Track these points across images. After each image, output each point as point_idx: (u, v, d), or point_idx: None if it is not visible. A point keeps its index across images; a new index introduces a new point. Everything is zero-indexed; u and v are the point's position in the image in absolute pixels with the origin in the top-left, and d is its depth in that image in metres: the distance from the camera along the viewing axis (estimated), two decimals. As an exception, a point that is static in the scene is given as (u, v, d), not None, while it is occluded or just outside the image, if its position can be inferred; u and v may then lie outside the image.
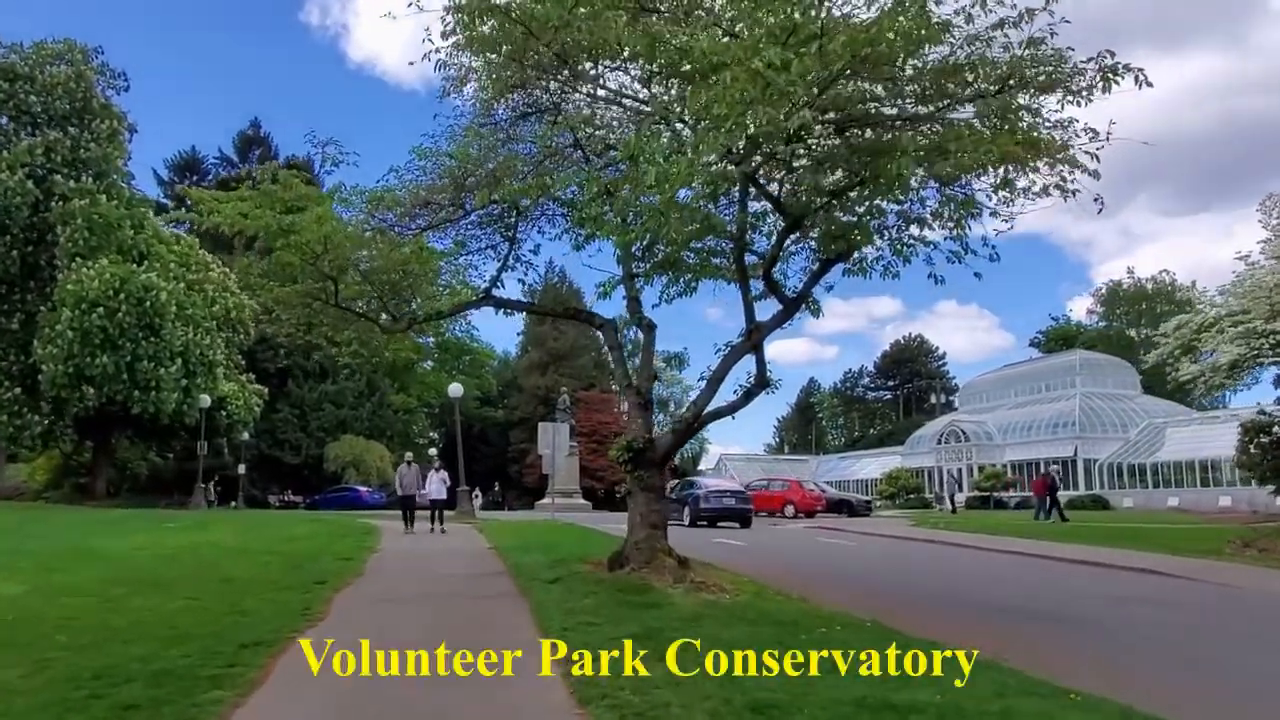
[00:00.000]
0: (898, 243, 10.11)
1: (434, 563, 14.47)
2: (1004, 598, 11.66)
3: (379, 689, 6.08)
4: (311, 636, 8.05)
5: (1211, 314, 17.90)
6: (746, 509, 27.83)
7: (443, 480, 22.38)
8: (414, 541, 18.42)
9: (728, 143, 6.44)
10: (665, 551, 11.24)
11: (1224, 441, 43.09)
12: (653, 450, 11.47)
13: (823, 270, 10.19)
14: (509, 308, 12.95)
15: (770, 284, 10.09)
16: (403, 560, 14.93)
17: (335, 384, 61.09)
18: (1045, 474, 33.61)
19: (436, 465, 23.77)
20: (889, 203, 9.00)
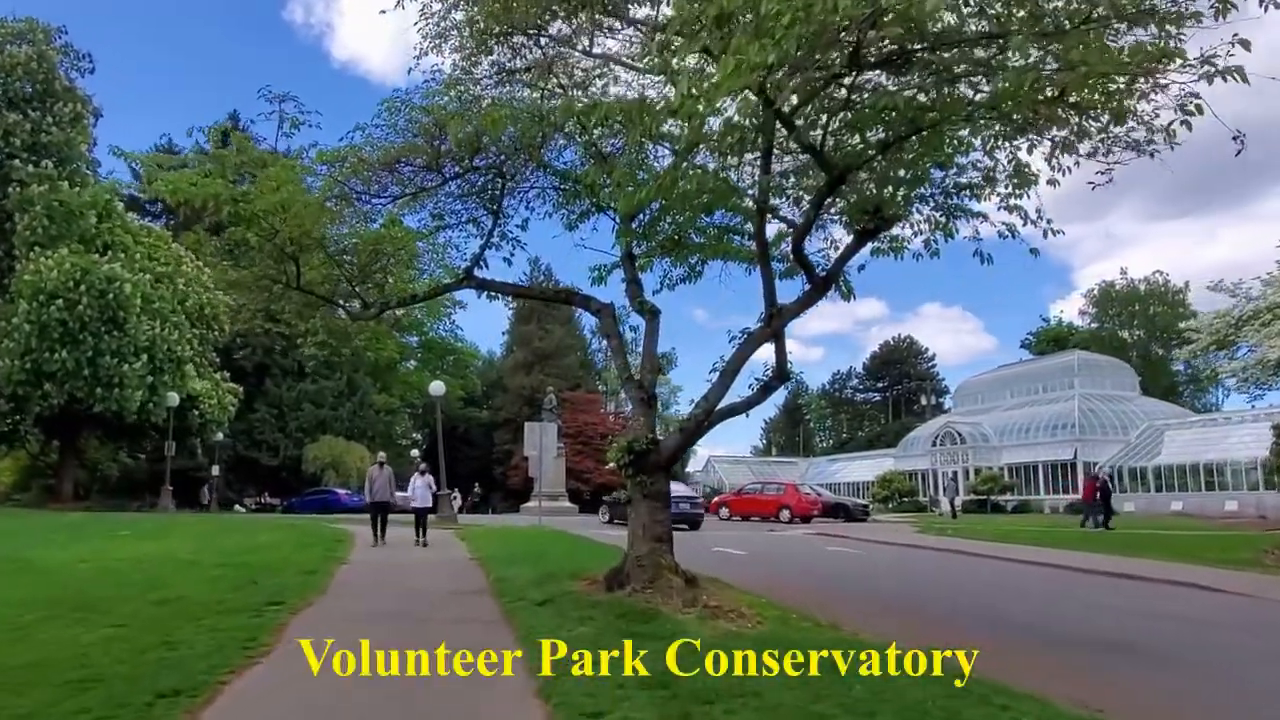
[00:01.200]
0: (946, 210, 8.71)
1: (408, 577, 12.95)
2: (1059, 622, 10.29)
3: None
4: (247, 681, 6.58)
5: (1250, 307, 16.58)
6: (698, 513, 30.24)
7: (428, 485, 19.63)
8: (388, 552, 16.69)
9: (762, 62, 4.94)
10: (671, 569, 9.80)
11: (1228, 444, 42.10)
12: (657, 452, 10.03)
13: (859, 244, 8.79)
14: (493, 290, 11.47)
15: (800, 258, 8.67)
16: (374, 574, 13.41)
17: (315, 383, 59.28)
18: (1094, 476, 31.38)
19: (421, 468, 20.56)
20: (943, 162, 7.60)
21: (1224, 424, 45.15)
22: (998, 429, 51.85)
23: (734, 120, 6.37)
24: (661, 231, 11.62)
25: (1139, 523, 34.24)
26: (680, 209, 10.00)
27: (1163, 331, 79.46)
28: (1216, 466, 41.00)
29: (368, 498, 18.77)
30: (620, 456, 9.93)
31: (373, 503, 18.44)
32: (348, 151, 9.51)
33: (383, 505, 18.31)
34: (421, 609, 9.76)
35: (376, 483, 18.43)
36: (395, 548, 17.22)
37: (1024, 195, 8.57)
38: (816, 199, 7.63)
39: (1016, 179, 8.54)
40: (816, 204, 7.72)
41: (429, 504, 19.34)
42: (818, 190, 7.51)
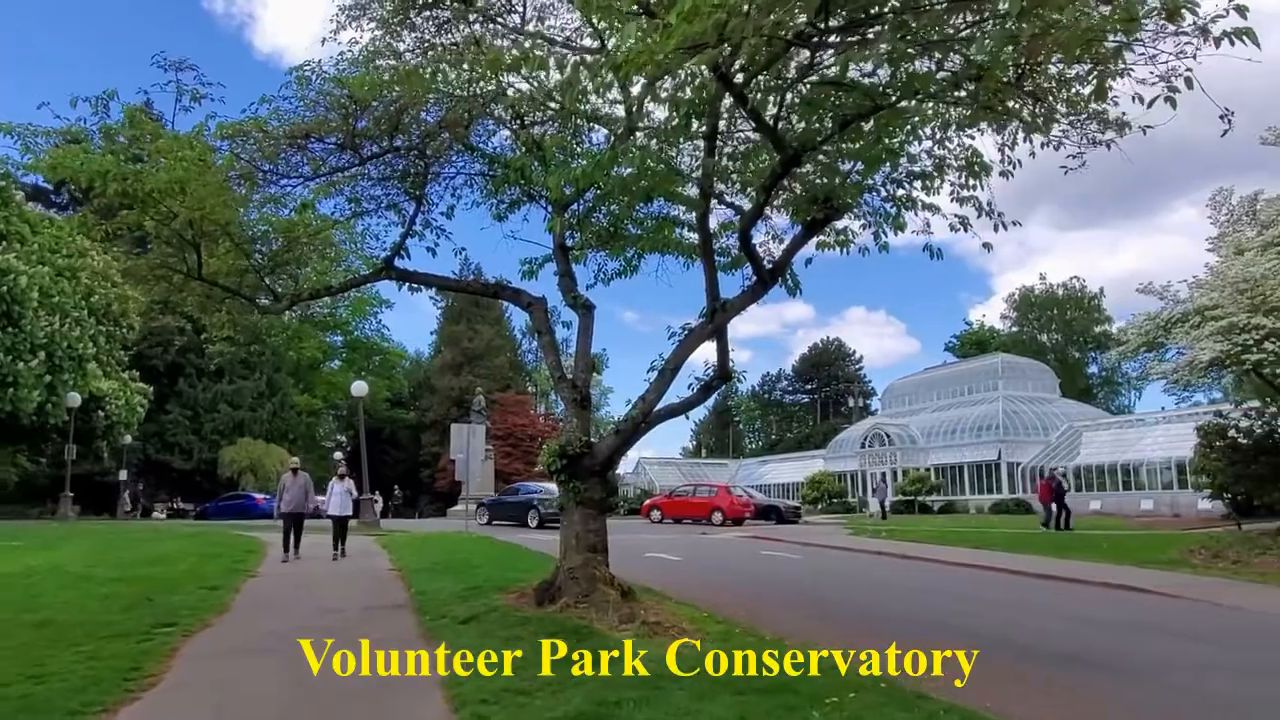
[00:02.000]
0: (897, 201, 8.28)
1: (321, 592, 12.04)
2: (1007, 629, 9.96)
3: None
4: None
5: (1178, 310, 16.72)
6: None
7: (347, 491, 17.61)
8: (301, 565, 15.39)
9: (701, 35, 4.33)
10: (607, 581, 9.17)
11: (1143, 445, 43.36)
12: (591, 456, 9.39)
13: (807, 235, 8.30)
14: (415, 282, 10.65)
15: (747, 248, 8.12)
16: (284, 589, 12.45)
17: (232, 383, 57.06)
18: (1049, 476, 30.92)
19: (341, 472, 18.39)
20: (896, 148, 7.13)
21: (1139, 425, 46.51)
22: (924, 430, 52.57)
23: (680, 94, 5.77)
24: (596, 221, 11.01)
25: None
26: (617, 197, 9.40)
27: (1079, 336, 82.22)
28: (1133, 467, 42.16)
29: (278, 508, 16.80)
30: (552, 461, 9.27)
31: (284, 514, 16.34)
32: (251, 125, 8.62)
33: (296, 516, 16.24)
34: (332, 629, 8.92)
35: (289, 491, 16.41)
36: (310, 560, 15.92)
37: (978, 186, 8.22)
38: (768, 182, 7.10)
39: (969, 170, 8.18)
40: (767, 188, 7.19)
41: (348, 511, 17.45)
42: (770, 173, 6.98)
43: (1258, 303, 14.96)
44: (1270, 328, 14.34)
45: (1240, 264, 15.62)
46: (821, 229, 8.27)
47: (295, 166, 9.44)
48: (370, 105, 8.64)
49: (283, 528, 16.40)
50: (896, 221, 8.58)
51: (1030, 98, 6.16)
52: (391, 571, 14.29)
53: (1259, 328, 14.60)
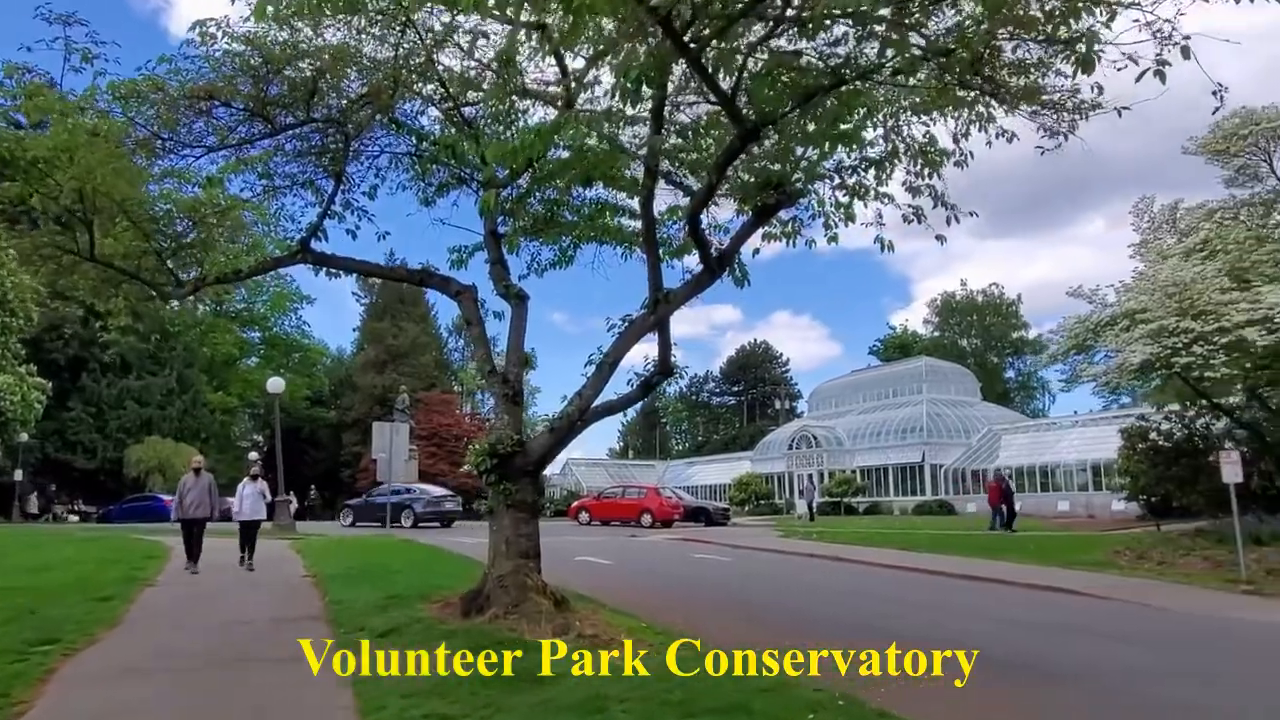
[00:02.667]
0: (850, 190, 7.91)
1: (227, 602, 11.12)
2: (942, 632, 9.68)
3: None
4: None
5: (1107, 314, 16.90)
6: (457, 510, 32.39)
7: (260, 493, 15.72)
8: (206, 574, 13.88)
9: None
10: (539, 589, 8.57)
11: (1060, 448, 44.55)
12: (524, 455, 8.79)
13: (758, 222, 7.86)
14: (334, 267, 9.84)
15: (695, 232, 7.62)
16: (185, 599, 11.48)
17: (140, 379, 54.33)
18: (998, 479, 31.15)
19: (253, 472, 16.62)
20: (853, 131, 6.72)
21: (1056, 429, 47.82)
22: (850, 432, 53.16)
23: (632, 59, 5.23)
24: (531, 207, 10.42)
25: (983, 523, 35.50)
26: (555, 180, 8.83)
27: (997, 341, 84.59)
28: (1051, 469, 43.25)
29: (176, 512, 14.62)
30: (481, 460, 8.63)
31: (184, 519, 14.30)
32: (148, 85, 7.74)
33: (194, 524, 14.25)
34: (236, 646, 8.12)
35: (190, 492, 14.43)
36: (216, 569, 14.33)
37: (933, 175, 7.91)
38: (722, 160, 6.62)
39: (924, 158, 7.86)
40: (721, 166, 6.71)
41: (260, 515, 15.53)
42: (725, 150, 6.50)
43: (1185, 306, 15.15)
44: (1198, 331, 14.53)
45: (1168, 268, 15.83)
46: (772, 216, 7.85)
47: (199, 136, 8.58)
48: (283, 69, 7.87)
49: (182, 534, 14.44)
50: (848, 212, 8.21)
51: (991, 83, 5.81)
52: (305, 578, 13.39)
53: (1188, 331, 14.78)
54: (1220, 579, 14.56)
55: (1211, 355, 14.34)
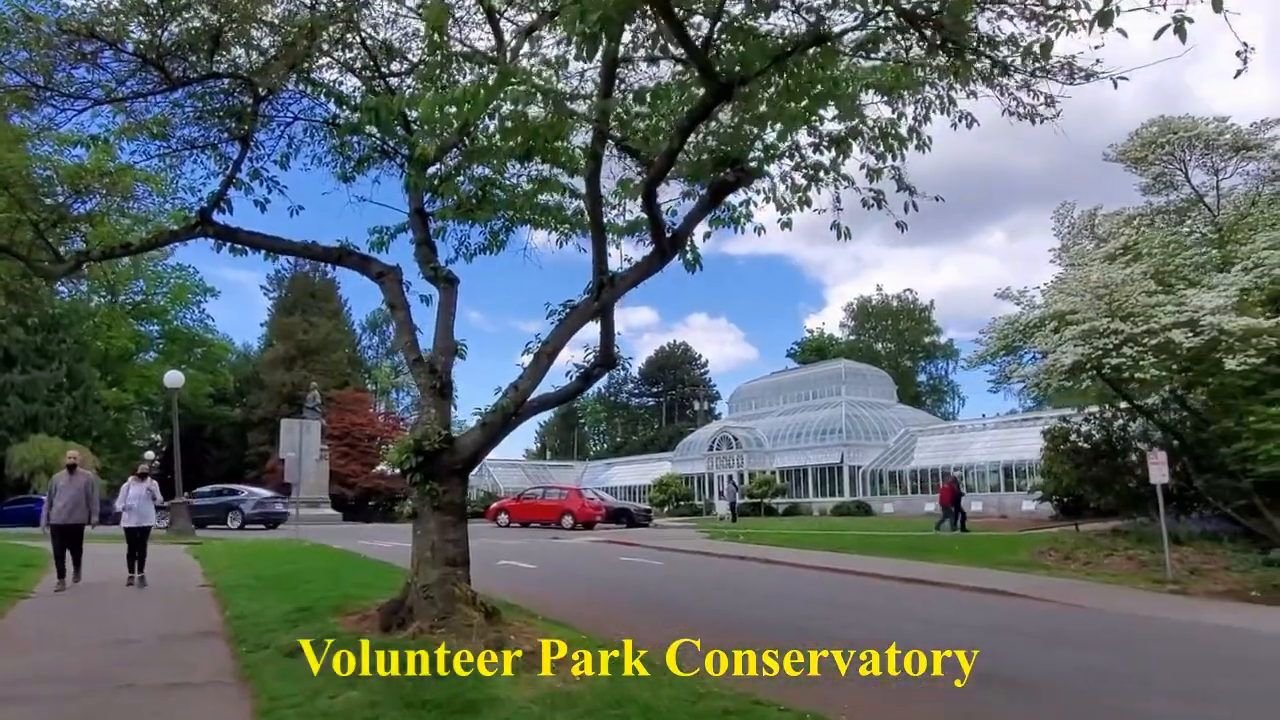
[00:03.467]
0: (809, 170, 7.41)
1: (112, 615, 9.99)
2: (880, 635, 9.28)
3: None
4: None
5: (1035, 315, 16.96)
6: (286, 513, 31.89)
7: (149, 493, 12.98)
8: (88, 587, 12.04)
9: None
10: (468, 600, 7.81)
11: (973, 450, 45.55)
12: (453, 453, 8.00)
13: (714, 201, 7.28)
14: (237, 242, 8.77)
15: (650, 207, 6.94)
16: (65, 612, 10.27)
17: (25, 373, 50.82)
18: (951, 480, 31.11)
19: (140, 469, 13.69)
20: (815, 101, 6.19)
21: (969, 431, 48.95)
22: (771, 434, 53.36)
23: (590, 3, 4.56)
24: (462, 185, 9.63)
25: (902, 523, 35.87)
26: (491, 153, 8.08)
27: (910, 345, 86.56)
28: (964, 469, 44.10)
29: (46, 518, 12.22)
30: (405, 457, 7.80)
31: (55, 525, 11.86)
32: (17, 14, 6.63)
33: (71, 530, 11.90)
34: (120, 667, 7.11)
35: (62, 493, 11.92)
36: (98, 583, 12.43)
37: (895, 156, 7.46)
38: (686, 121, 5.96)
39: (883, 140, 7.41)
40: (685, 129, 6.04)
41: (149, 521, 12.89)
42: (691, 110, 5.87)
43: (1114, 308, 15.24)
44: (1128, 332, 14.60)
45: (1098, 269, 15.93)
46: (728, 194, 7.28)
47: (83, 88, 7.53)
48: (182, 11, 6.90)
49: (52, 544, 11.99)
50: (804, 196, 7.71)
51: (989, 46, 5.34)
52: (203, 588, 12.25)
53: (1117, 332, 14.85)
54: (1147, 579, 14.70)
55: (1141, 356, 14.44)
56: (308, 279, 71.92)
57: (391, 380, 76.47)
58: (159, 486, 13.70)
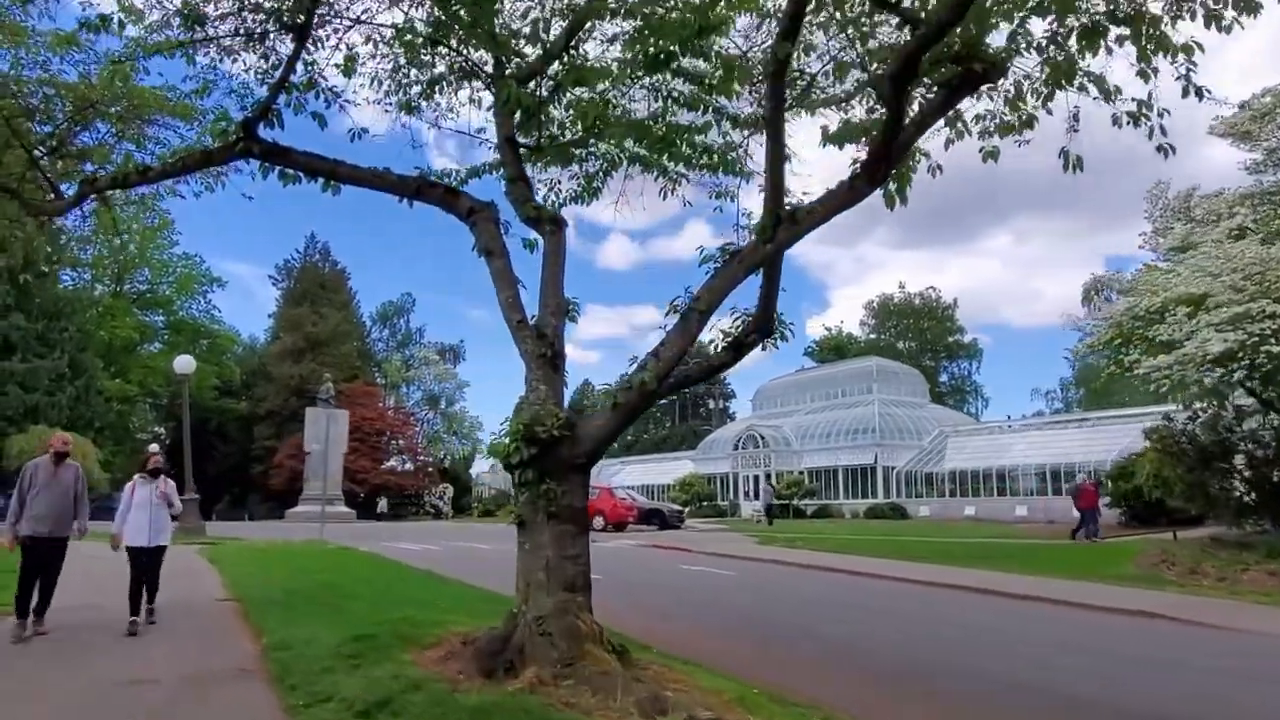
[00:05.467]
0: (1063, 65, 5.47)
1: (116, 643, 8.02)
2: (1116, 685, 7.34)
3: None
4: None
5: (1159, 300, 14.98)
6: None
7: (163, 498, 8.93)
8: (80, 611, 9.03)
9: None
10: (595, 637, 5.86)
11: (1015, 452, 43.50)
12: (573, 442, 6.07)
13: (950, 100, 5.35)
14: (290, 165, 6.66)
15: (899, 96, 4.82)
16: (56, 639, 8.26)
17: (26, 361, 48.99)
18: (1093, 482, 27.37)
19: (151, 465, 9.28)
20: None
21: (1009, 432, 46.96)
22: (798, 433, 51.38)
23: None
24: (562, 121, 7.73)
25: (952, 529, 33.87)
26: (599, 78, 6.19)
27: (932, 344, 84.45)
28: (1007, 473, 42.10)
29: (15, 526, 8.15)
30: (514, 448, 5.85)
31: (29, 537, 8.11)
32: None
33: (51, 548, 8.21)
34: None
35: (42, 493, 8.18)
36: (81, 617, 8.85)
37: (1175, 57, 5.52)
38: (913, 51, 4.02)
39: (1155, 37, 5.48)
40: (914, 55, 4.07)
41: (162, 538, 8.88)
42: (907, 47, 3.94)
43: (1266, 289, 13.26)
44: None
45: (1252, 248, 13.95)
46: (970, 92, 5.35)
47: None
48: None
49: (21, 565, 8.13)
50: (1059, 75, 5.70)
51: None
52: (225, 603, 10.29)
53: (1274, 316, 12.88)
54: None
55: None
56: (317, 269, 70.17)
57: (402, 374, 74.52)
58: (174, 488, 9.25)
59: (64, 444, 8.73)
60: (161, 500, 8.89)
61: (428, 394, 77.01)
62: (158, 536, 8.81)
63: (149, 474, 9.08)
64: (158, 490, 8.90)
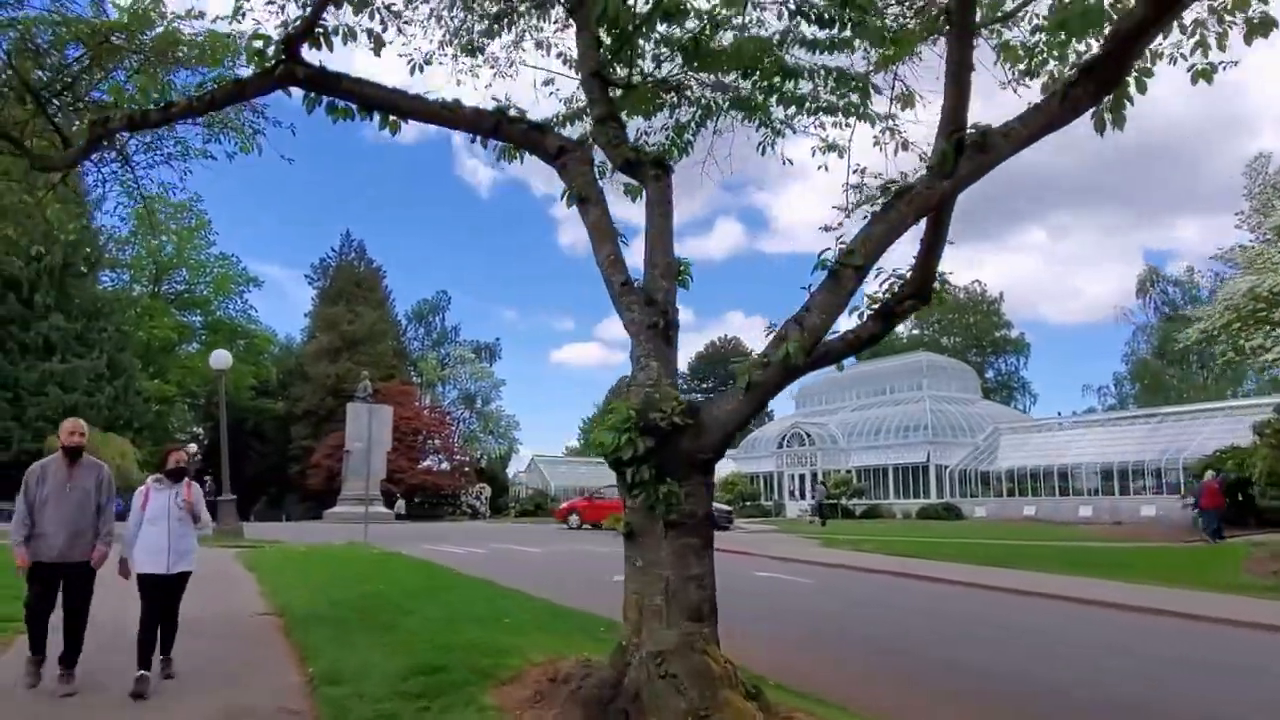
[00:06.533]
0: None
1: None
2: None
3: None
4: None
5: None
6: None
7: (187, 508, 6.51)
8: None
9: None
10: (729, 679, 4.60)
11: (1077, 450, 41.60)
12: (697, 432, 4.80)
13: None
14: (339, 95, 5.30)
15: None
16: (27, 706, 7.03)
17: (65, 362, 48.84)
18: (1220, 476, 24.56)
19: (172, 463, 6.71)
20: None
21: (1068, 429, 45.01)
22: (845, 430, 49.79)
23: None
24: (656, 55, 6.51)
25: (1014, 530, 32.17)
26: None
27: (978, 339, 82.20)
28: (1070, 471, 40.24)
29: (22, 537, 6.07)
30: (626, 439, 4.60)
31: (35, 566, 6.09)
32: None
33: (69, 575, 6.21)
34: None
35: (52, 504, 6.15)
36: None
37: None
38: None
39: None
40: None
41: (185, 562, 6.50)
42: None
43: None
44: None
45: None
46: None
47: None
48: None
49: (29, 594, 6.24)
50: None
51: None
52: (265, 617, 9.16)
53: None
54: None
55: None
56: (352, 267, 69.74)
57: (437, 373, 73.89)
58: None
59: (77, 435, 6.24)
60: (186, 512, 6.46)
61: (463, 393, 76.38)
62: (180, 560, 6.38)
63: (168, 475, 6.59)
64: (180, 498, 6.46)
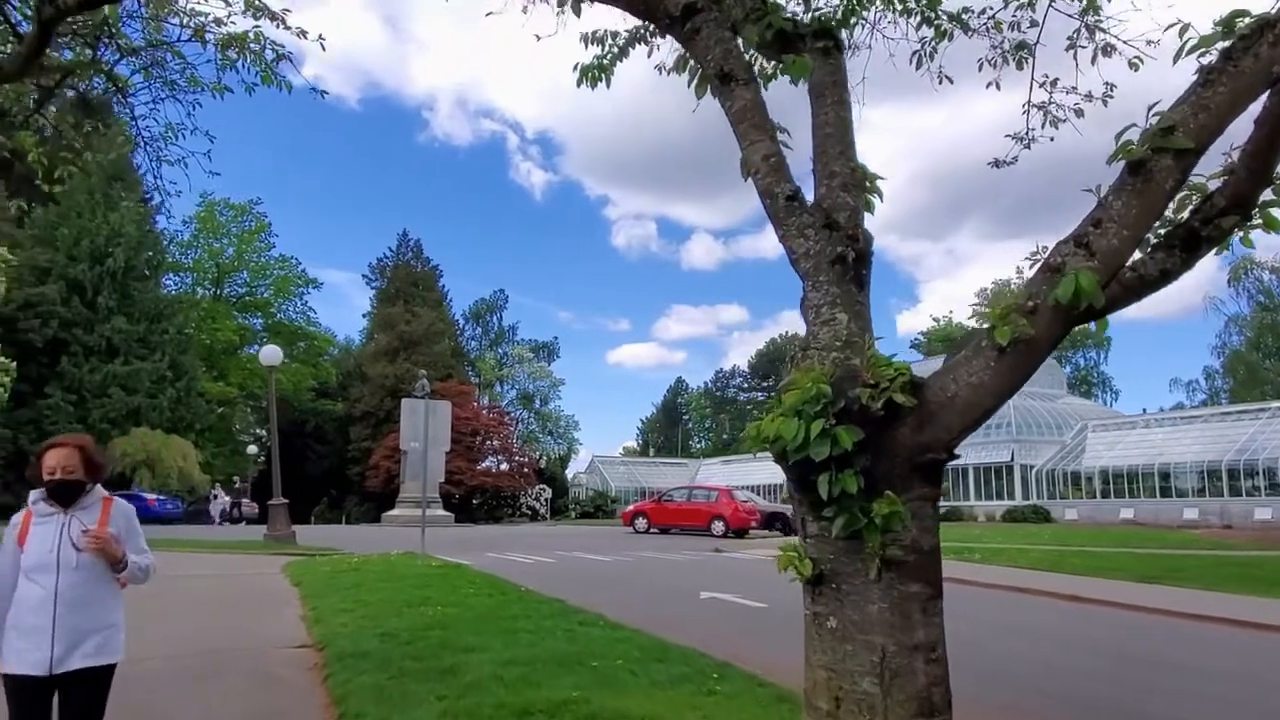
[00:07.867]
0: None
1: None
2: None
3: None
4: None
5: None
6: None
7: (97, 548, 3.41)
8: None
9: None
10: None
11: (1178, 447, 38.61)
12: (926, 417, 3.00)
13: None
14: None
15: None
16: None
17: (128, 364, 48.97)
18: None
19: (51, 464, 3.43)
20: None
21: (1167, 425, 41.95)
22: (921, 428, 47.29)
23: None
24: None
25: (1116, 534, 29.53)
26: None
27: (1052, 332, 78.52)
28: (1173, 470, 37.30)
29: None
30: (818, 435, 2.85)
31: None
32: None
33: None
34: None
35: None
36: None
37: None
38: None
39: None
40: None
41: (96, 653, 3.43)
42: None
43: None
44: None
45: None
46: None
47: None
48: None
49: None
50: None
51: None
52: (301, 651, 7.62)
53: None
54: None
55: None
56: (410, 267, 69.29)
57: (495, 373, 73.07)
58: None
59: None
60: (94, 550, 3.45)
61: (522, 392, 75.46)
62: (78, 648, 3.41)
63: (52, 494, 3.49)
64: (79, 530, 3.47)
